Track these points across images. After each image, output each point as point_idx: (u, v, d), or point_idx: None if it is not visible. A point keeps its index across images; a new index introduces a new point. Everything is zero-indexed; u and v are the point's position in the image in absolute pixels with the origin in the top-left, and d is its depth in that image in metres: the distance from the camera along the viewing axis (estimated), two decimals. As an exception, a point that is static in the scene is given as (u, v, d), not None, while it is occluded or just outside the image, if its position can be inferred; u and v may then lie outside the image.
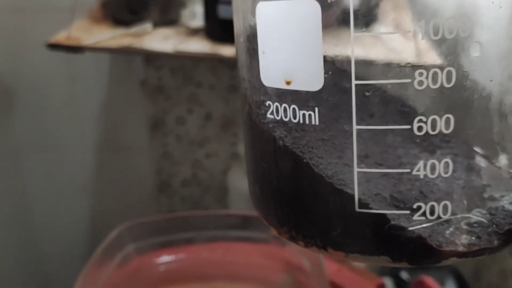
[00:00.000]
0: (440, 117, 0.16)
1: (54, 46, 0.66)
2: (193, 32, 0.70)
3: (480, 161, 0.17)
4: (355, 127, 0.17)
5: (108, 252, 0.37)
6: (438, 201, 0.17)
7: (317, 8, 0.16)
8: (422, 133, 0.16)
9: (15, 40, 0.86)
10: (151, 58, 0.84)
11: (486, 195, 0.17)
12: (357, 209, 0.17)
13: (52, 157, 0.94)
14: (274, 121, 0.18)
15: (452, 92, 0.16)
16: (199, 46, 0.66)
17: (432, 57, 0.16)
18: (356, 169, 0.17)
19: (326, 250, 0.18)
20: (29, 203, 0.95)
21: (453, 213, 0.17)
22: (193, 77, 0.87)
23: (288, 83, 0.17)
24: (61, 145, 0.93)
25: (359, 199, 0.17)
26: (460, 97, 0.16)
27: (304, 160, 0.18)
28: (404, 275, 0.64)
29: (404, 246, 0.17)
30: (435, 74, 0.16)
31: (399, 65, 0.16)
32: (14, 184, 0.93)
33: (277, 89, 0.18)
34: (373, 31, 0.16)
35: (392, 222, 0.17)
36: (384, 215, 0.17)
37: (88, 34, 0.68)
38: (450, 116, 0.16)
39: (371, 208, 0.17)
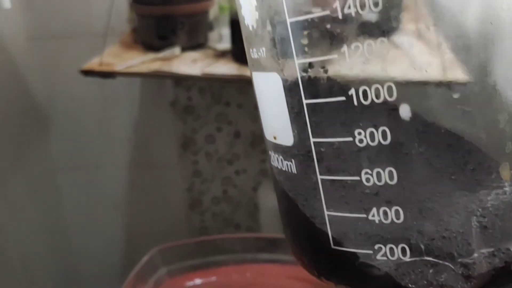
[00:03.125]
0: (383, 170, 0.18)
1: (88, 72, 0.69)
2: (220, 54, 0.72)
3: (435, 205, 0.18)
4: (319, 177, 0.19)
5: (141, 276, 0.38)
6: (396, 244, 0.18)
7: (279, 80, 0.19)
8: (369, 184, 0.18)
9: (50, 66, 0.89)
10: (181, 79, 0.86)
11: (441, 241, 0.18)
12: (332, 246, 0.19)
13: (86, 176, 0.96)
14: (275, 167, 0.21)
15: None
16: (226, 68, 0.67)
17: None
18: (326, 212, 0.19)
19: (322, 280, 0.21)
20: (65, 221, 0.97)
21: (412, 255, 0.18)
22: (222, 96, 0.88)
23: (274, 138, 0.21)
24: (95, 164, 0.96)
25: (333, 238, 0.19)
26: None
27: (295, 202, 0.20)
28: None
29: (375, 282, 0.19)
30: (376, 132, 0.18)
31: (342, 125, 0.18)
32: (51, 202, 0.96)
33: (271, 142, 0.21)
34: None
35: (361, 260, 0.19)
36: (354, 253, 0.19)
37: (120, 59, 0.70)
38: (392, 169, 0.18)
39: (343, 246, 0.19)
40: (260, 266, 0.40)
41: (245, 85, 0.85)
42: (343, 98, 0.18)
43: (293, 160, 0.20)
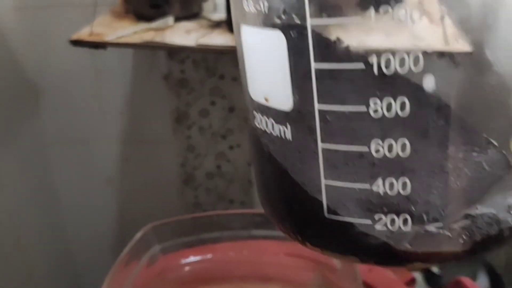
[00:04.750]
0: (396, 141, 0.17)
1: (77, 43, 0.66)
2: (215, 24, 0.69)
3: (441, 181, 0.17)
4: (320, 145, 0.18)
5: (135, 253, 0.37)
6: (398, 214, 0.18)
7: (281, 38, 0.17)
8: (379, 155, 0.17)
9: (39, 37, 0.86)
10: (174, 51, 0.84)
11: (445, 210, 0.18)
12: (326, 214, 0.19)
13: (78, 151, 0.95)
14: (260, 129, 0.20)
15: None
16: (222, 39, 0.65)
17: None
18: (323, 182, 0.18)
19: (305, 245, 0.20)
20: (56, 196, 0.96)
21: (414, 225, 0.18)
22: (216, 69, 0.86)
23: (266, 100, 0.19)
24: (86, 139, 0.94)
25: (328, 206, 0.19)
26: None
27: (284, 167, 0.19)
28: (435, 268, 0.63)
29: (370, 250, 0.19)
30: (389, 104, 0.17)
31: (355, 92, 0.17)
32: (41, 178, 0.95)
33: (259, 103, 0.19)
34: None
35: (357, 229, 0.18)
36: (350, 222, 0.18)
37: (110, 29, 0.68)
38: (406, 141, 0.17)
39: (338, 215, 0.19)
40: (258, 243, 0.39)
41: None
42: (361, 66, 0.16)
43: (288, 126, 0.18)
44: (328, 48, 0.17)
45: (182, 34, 0.67)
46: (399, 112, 0.16)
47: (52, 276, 0.96)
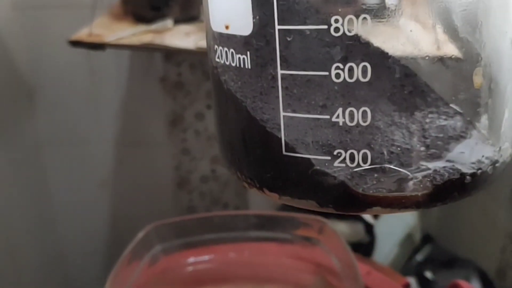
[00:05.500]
0: (357, 65, 0.16)
1: (76, 43, 0.66)
2: (214, 28, 0.69)
3: (403, 119, 0.17)
4: (279, 72, 0.17)
5: (136, 253, 0.36)
6: (358, 149, 0.17)
7: None
8: (339, 80, 0.16)
9: (36, 37, 0.86)
10: (171, 54, 0.84)
11: (409, 150, 0.17)
12: (284, 152, 0.18)
13: (72, 152, 0.94)
14: (220, 65, 0.19)
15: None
16: (221, 42, 0.65)
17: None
18: (282, 113, 0.18)
19: (263, 191, 0.19)
20: (49, 197, 0.96)
21: (373, 163, 0.17)
22: (213, 73, 0.86)
23: (227, 27, 0.18)
24: (81, 140, 0.94)
25: (286, 143, 0.18)
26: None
27: (243, 104, 0.19)
28: (429, 274, 0.64)
29: (329, 192, 0.18)
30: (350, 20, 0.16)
31: (317, 11, 0.17)
32: (35, 179, 0.94)
33: (220, 34, 0.19)
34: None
35: (316, 167, 0.17)
36: (308, 159, 0.18)
37: (109, 31, 0.68)
38: (367, 65, 0.16)
39: (296, 152, 0.18)
40: (259, 245, 0.39)
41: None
42: None
43: (248, 53, 0.18)
44: None
45: (181, 36, 0.67)
46: (360, 29, 0.16)
47: (43, 277, 0.95)
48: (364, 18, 0.16)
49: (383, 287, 0.39)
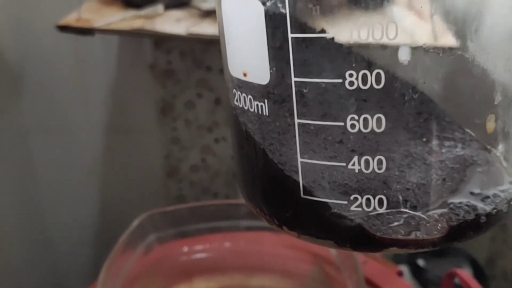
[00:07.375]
0: (372, 116, 0.17)
1: (64, 28, 0.64)
2: (205, 14, 0.68)
3: (419, 157, 0.17)
4: (296, 121, 0.18)
5: (131, 242, 0.36)
6: (373, 194, 0.17)
7: (261, 8, 0.17)
8: (355, 131, 0.17)
9: (22, 21, 0.84)
10: (160, 41, 0.82)
11: (421, 194, 0.18)
12: (302, 195, 0.19)
13: (59, 140, 0.93)
14: (239, 108, 0.20)
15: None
16: (212, 28, 0.64)
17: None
18: (299, 159, 0.18)
19: (282, 229, 0.20)
20: (38, 185, 0.94)
21: (389, 207, 0.18)
22: (203, 61, 0.85)
23: (244, 75, 0.19)
24: (69, 128, 0.92)
25: (304, 186, 0.18)
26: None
27: (261, 146, 0.19)
28: (421, 262, 0.64)
29: (346, 233, 0.18)
30: (364, 75, 0.17)
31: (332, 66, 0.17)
32: (22, 167, 0.92)
33: (238, 79, 0.19)
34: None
35: (333, 210, 0.18)
36: (326, 203, 0.18)
37: (98, 16, 0.66)
38: (381, 116, 0.17)
39: (314, 196, 0.18)
40: (255, 234, 0.39)
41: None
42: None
43: (266, 101, 0.18)
44: (306, 17, 0.17)
45: (172, 22, 0.66)
46: (374, 85, 0.16)
47: (31, 265, 0.94)
48: (378, 73, 0.16)
49: (379, 276, 0.39)
